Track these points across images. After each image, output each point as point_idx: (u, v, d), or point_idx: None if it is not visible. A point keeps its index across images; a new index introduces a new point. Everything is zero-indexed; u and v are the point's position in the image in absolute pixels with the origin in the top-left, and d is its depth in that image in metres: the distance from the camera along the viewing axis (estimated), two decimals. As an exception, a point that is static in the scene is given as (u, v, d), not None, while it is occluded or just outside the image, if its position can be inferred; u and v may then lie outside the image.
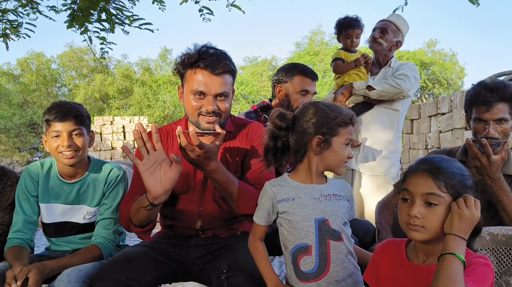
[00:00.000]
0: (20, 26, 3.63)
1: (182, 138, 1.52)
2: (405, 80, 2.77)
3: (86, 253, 1.81)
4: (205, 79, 1.65)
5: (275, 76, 2.60)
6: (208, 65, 1.64)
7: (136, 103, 21.94)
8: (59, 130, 1.85)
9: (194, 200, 1.79)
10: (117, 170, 1.98)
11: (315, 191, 1.37)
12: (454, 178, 1.19)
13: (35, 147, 12.72)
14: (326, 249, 1.34)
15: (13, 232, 1.88)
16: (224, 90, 1.67)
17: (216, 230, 1.81)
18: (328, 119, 1.35)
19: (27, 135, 21.63)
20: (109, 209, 1.92)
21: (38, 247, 2.21)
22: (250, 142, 1.81)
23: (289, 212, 1.36)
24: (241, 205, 1.63)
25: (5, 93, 21.88)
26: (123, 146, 1.69)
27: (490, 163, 1.72)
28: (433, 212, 1.18)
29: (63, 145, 1.84)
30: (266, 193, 1.40)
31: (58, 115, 1.85)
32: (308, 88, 2.51)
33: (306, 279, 1.35)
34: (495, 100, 1.77)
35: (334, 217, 1.36)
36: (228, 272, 1.52)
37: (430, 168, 1.20)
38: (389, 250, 1.34)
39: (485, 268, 1.14)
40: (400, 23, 2.99)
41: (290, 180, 1.41)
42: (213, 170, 1.60)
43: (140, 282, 1.57)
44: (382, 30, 2.96)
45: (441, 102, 7.28)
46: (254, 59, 27.33)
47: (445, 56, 23.97)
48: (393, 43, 2.98)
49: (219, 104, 1.68)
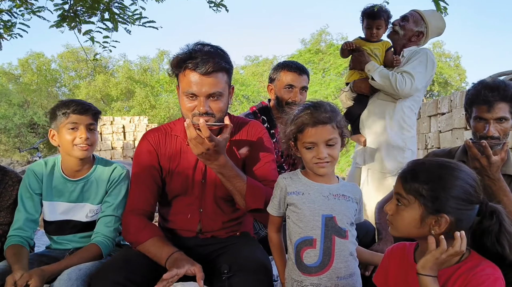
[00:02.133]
0: (14, 26, 3.62)
1: (192, 130, 1.51)
2: (407, 81, 2.68)
3: (86, 253, 1.81)
4: (195, 81, 1.60)
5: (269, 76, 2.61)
6: (197, 66, 1.58)
7: (138, 105, 21.95)
8: (78, 122, 1.88)
9: (194, 201, 1.79)
10: (121, 168, 1.99)
11: (324, 189, 1.41)
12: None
13: (35, 146, 12.71)
14: (331, 244, 1.36)
15: (13, 229, 1.88)
16: (215, 90, 1.61)
17: (216, 232, 1.80)
18: (287, 127, 1.45)
19: (27, 135, 21.62)
20: (111, 207, 1.92)
21: (38, 247, 2.20)
22: (251, 139, 1.80)
23: (297, 204, 1.40)
24: (250, 200, 1.62)
25: (6, 93, 21.88)
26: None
27: (490, 164, 1.71)
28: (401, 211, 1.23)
29: (81, 136, 1.87)
30: (278, 184, 1.47)
31: (79, 108, 1.89)
32: (293, 83, 2.47)
33: (308, 273, 1.37)
34: (496, 100, 1.77)
35: (342, 215, 1.38)
36: (229, 272, 1.52)
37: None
38: (397, 253, 1.34)
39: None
40: (429, 16, 2.88)
41: (302, 176, 1.45)
42: (222, 164, 1.59)
43: (138, 283, 1.56)
44: (403, 17, 2.89)
45: (441, 102, 7.27)
46: (255, 58, 27.32)
47: (449, 57, 23.99)
48: (414, 33, 2.88)
49: (211, 105, 1.63)
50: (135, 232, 1.69)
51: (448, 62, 23.57)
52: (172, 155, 1.80)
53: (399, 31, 2.87)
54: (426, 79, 2.80)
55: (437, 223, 1.17)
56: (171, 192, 1.81)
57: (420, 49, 2.86)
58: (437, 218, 1.17)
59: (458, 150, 1.98)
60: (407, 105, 2.83)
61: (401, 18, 2.90)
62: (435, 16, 2.90)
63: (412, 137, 2.89)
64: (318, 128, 1.39)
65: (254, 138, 1.80)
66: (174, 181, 1.79)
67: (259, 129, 1.83)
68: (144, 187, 1.76)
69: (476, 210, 1.20)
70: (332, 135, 1.39)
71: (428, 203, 1.17)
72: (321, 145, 1.38)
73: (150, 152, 1.79)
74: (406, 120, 2.85)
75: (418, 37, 2.91)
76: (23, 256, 1.76)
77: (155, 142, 1.80)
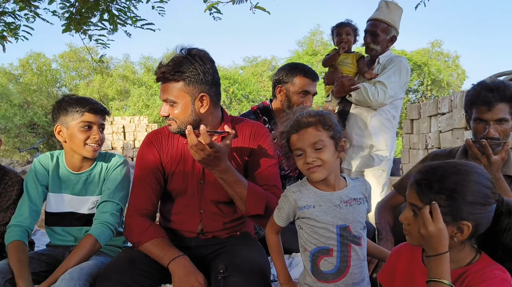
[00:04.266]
0: (18, 29, 3.63)
1: (192, 137, 1.52)
2: (380, 92, 2.84)
3: (82, 248, 1.77)
4: (160, 87, 1.72)
5: (275, 76, 2.58)
6: (156, 73, 1.69)
7: (133, 105, 21.98)
8: (93, 121, 1.89)
9: (193, 202, 1.79)
10: (118, 157, 2.02)
11: (335, 198, 1.38)
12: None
13: (35, 147, 12.73)
14: (348, 252, 1.36)
15: (16, 218, 1.88)
16: (166, 97, 1.68)
17: (217, 233, 1.81)
18: (282, 133, 1.41)
19: (27, 135, 21.61)
20: (107, 192, 1.92)
21: (38, 247, 2.21)
22: (254, 142, 1.79)
23: (310, 218, 1.37)
24: (250, 206, 1.63)
25: (6, 94, 21.88)
26: None
27: (490, 164, 1.72)
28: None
29: (94, 137, 1.88)
30: (287, 199, 1.41)
31: (94, 107, 1.89)
32: (309, 89, 2.50)
33: (325, 279, 1.36)
34: (496, 100, 1.77)
35: (355, 223, 1.37)
36: (225, 272, 1.52)
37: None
38: (406, 254, 1.33)
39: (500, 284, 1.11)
40: (389, 16, 2.96)
41: (310, 186, 1.40)
42: (223, 169, 1.60)
43: (142, 284, 1.56)
44: (372, 34, 2.98)
45: (441, 102, 7.27)
46: (254, 59, 27.38)
47: (448, 57, 23.99)
48: (388, 40, 3.00)
49: (169, 110, 1.70)
50: (138, 232, 1.70)
51: (447, 62, 23.59)
52: (173, 155, 1.81)
53: (375, 47, 2.99)
54: (401, 86, 2.93)
55: (459, 230, 1.14)
56: (172, 192, 1.82)
57: (395, 57, 3.00)
58: (458, 225, 1.14)
59: (459, 150, 1.98)
60: (381, 110, 2.98)
61: (370, 36, 2.99)
62: (391, 11, 2.98)
63: (392, 138, 3.05)
64: (301, 133, 1.36)
65: (257, 140, 1.80)
66: (174, 181, 1.80)
67: (262, 132, 1.82)
68: (147, 187, 1.77)
69: (494, 209, 1.17)
70: (317, 139, 1.34)
71: (447, 212, 1.14)
72: (308, 149, 1.34)
73: (153, 152, 1.81)
74: (384, 123, 3.00)
75: (392, 41, 3.03)
76: (26, 264, 1.73)
77: (158, 143, 1.82)
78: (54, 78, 24.94)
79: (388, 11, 2.97)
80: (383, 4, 3.02)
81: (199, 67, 1.66)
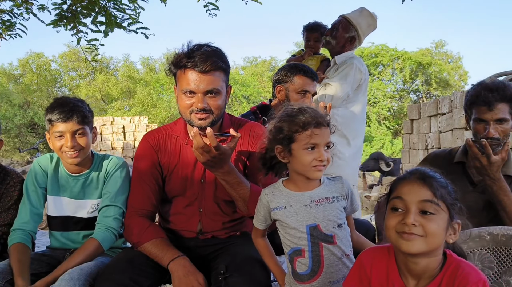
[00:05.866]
0: (13, 26, 3.62)
1: (198, 139, 1.51)
2: (327, 96, 2.88)
3: (85, 250, 1.78)
4: (193, 78, 1.64)
5: (275, 76, 2.60)
6: (195, 65, 1.62)
7: (140, 103, 21.94)
8: (62, 131, 1.83)
9: (193, 201, 1.79)
10: (117, 159, 2.00)
11: (305, 198, 1.39)
12: (446, 187, 1.14)
13: (35, 147, 12.74)
14: (319, 252, 1.36)
15: (18, 222, 1.88)
16: (213, 87, 1.64)
17: (216, 232, 1.80)
18: (282, 127, 1.37)
19: (27, 135, 21.63)
20: (109, 196, 1.90)
21: (38, 247, 2.20)
22: (252, 143, 1.80)
23: (281, 219, 1.40)
24: (252, 207, 1.61)
25: (6, 94, 21.89)
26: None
27: (490, 163, 1.72)
28: (432, 219, 1.09)
29: (66, 145, 1.84)
30: (261, 201, 1.45)
31: (62, 116, 1.82)
32: (308, 88, 2.51)
33: (301, 280, 1.38)
34: (496, 100, 1.77)
35: (326, 221, 1.37)
36: (226, 273, 1.53)
37: (423, 176, 1.14)
38: (381, 258, 1.24)
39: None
40: (357, 19, 3.00)
41: (283, 187, 1.43)
42: (226, 171, 1.60)
43: (142, 284, 1.57)
44: (332, 28, 3.05)
45: (441, 103, 7.28)
46: (254, 59, 27.40)
47: (451, 58, 24.01)
48: (346, 39, 3.02)
49: (209, 102, 1.66)
50: (138, 233, 1.70)
51: (450, 64, 23.60)
52: (171, 155, 1.80)
53: (331, 41, 3.03)
54: (350, 86, 2.95)
55: (453, 230, 1.13)
56: (171, 192, 1.82)
57: (349, 58, 3.02)
58: (452, 226, 1.12)
59: (459, 150, 1.98)
60: (341, 111, 2.98)
61: (331, 29, 3.06)
62: (362, 16, 3.02)
63: (347, 144, 3.03)
64: (322, 129, 1.36)
65: (256, 140, 1.79)
66: (173, 180, 1.80)
67: (261, 131, 1.82)
68: (146, 187, 1.77)
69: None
70: (329, 139, 1.37)
71: (450, 209, 1.11)
72: (322, 147, 1.36)
73: (150, 152, 1.80)
74: (339, 126, 3.04)
75: (351, 42, 3.05)
76: (26, 265, 1.74)
77: (155, 143, 1.81)
78: (54, 78, 24.95)
79: (359, 15, 3.04)
80: (360, 8, 3.11)
81: (227, 60, 1.72)
